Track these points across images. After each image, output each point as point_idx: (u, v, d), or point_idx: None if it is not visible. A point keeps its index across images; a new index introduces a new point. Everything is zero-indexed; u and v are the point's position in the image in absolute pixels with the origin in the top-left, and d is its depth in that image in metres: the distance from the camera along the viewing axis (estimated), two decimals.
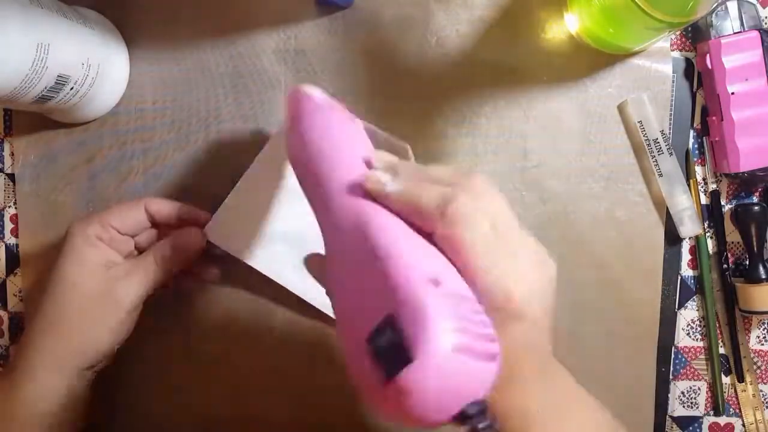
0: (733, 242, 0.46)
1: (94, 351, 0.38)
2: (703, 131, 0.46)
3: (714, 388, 0.47)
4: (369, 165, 0.30)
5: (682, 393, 0.47)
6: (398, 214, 0.27)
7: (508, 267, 0.26)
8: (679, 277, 0.46)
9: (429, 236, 0.27)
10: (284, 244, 0.43)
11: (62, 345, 0.37)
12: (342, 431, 0.47)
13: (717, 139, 0.44)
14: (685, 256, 0.46)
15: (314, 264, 0.33)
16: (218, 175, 0.46)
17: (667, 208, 0.45)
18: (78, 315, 0.37)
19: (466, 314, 0.22)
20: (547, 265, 0.28)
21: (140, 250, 0.42)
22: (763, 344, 0.47)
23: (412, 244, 0.26)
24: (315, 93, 0.34)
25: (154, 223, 0.42)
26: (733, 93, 0.42)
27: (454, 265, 0.26)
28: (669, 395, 0.47)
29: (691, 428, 0.47)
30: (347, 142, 0.32)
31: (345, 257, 0.27)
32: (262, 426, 0.47)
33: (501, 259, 0.26)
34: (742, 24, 0.43)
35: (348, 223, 0.27)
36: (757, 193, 0.46)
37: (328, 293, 0.30)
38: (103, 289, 0.38)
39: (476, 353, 0.22)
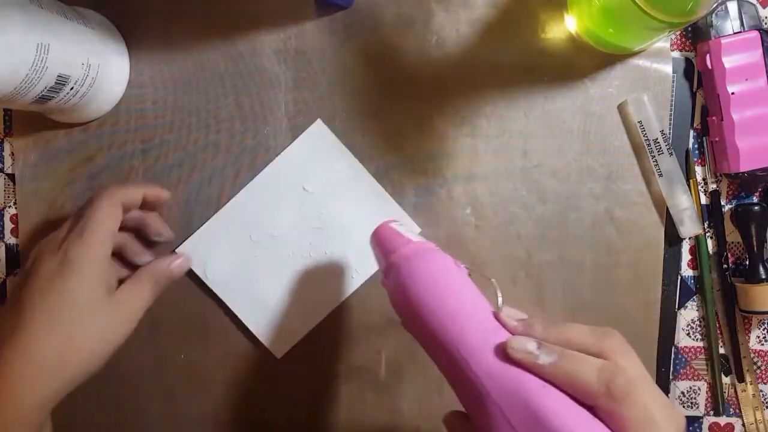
0: (733, 242, 0.46)
1: (86, 361, 0.36)
2: (703, 131, 0.46)
3: (714, 388, 0.47)
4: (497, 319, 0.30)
5: (682, 393, 0.47)
6: (553, 384, 0.27)
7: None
8: (679, 277, 0.46)
9: (587, 407, 0.27)
10: (249, 275, 0.46)
11: (56, 354, 0.35)
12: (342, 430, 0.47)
13: (717, 139, 0.44)
14: (685, 256, 0.46)
15: (457, 422, 0.31)
16: (218, 175, 0.46)
17: (667, 208, 0.45)
18: (77, 325, 0.36)
19: None
20: (678, 419, 0.28)
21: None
22: (763, 344, 0.47)
23: (588, 425, 0.26)
24: (416, 238, 0.33)
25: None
26: (733, 93, 0.42)
27: None
28: (669, 395, 0.47)
29: (691, 428, 0.47)
30: (468, 294, 0.31)
31: (509, 429, 0.26)
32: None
33: (651, 425, 0.27)
34: (742, 24, 0.43)
35: (503, 393, 0.27)
36: (757, 193, 0.46)
37: None
38: (104, 309, 0.37)
39: None
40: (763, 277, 0.44)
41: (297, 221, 0.46)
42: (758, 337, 0.47)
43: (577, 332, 0.29)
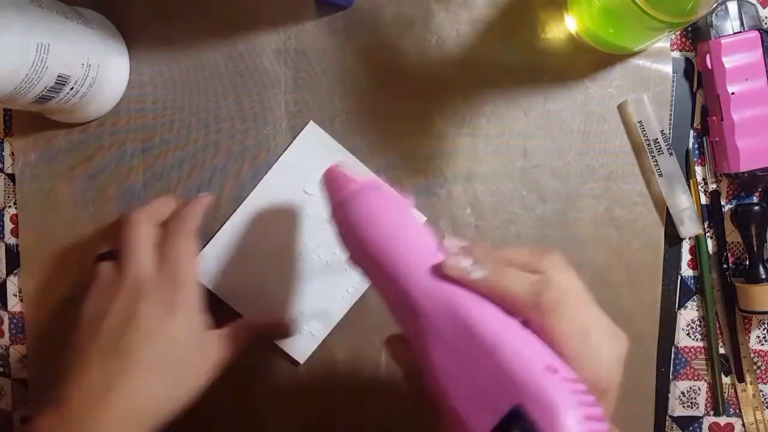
0: (733, 242, 0.46)
1: (161, 408, 0.36)
2: (703, 131, 0.46)
3: (714, 388, 0.47)
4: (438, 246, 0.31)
5: (682, 393, 0.47)
6: (487, 298, 0.28)
7: (592, 348, 0.27)
8: (679, 277, 0.46)
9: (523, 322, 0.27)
10: (258, 283, 0.46)
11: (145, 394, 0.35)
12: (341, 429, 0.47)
13: (717, 139, 0.44)
14: (685, 256, 0.46)
15: (395, 344, 0.32)
16: (218, 175, 0.46)
17: (667, 208, 0.45)
18: (182, 368, 0.37)
19: (584, 399, 0.23)
20: (620, 339, 0.29)
21: None
22: (763, 344, 0.47)
23: (516, 333, 0.26)
24: (362, 176, 0.34)
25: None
26: (733, 93, 0.42)
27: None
28: (669, 395, 0.47)
29: (691, 428, 0.47)
30: (410, 224, 0.32)
31: (441, 345, 0.27)
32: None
33: (585, 340, 0.27)
34: (742, 24, 0.43)
35: (436, 310, 0.27)
36: (757, 193, 0.46)
37: (406, 375, 0.31)
38: (203, 348, 0.38)
39: None
40: (763, 277, 0.44)
41: (302, 225, 0.45)
42: (758, 337, 0.47)
43: (517, 253, 0.29)
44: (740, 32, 0.42)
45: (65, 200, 0.46)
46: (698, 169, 0.46)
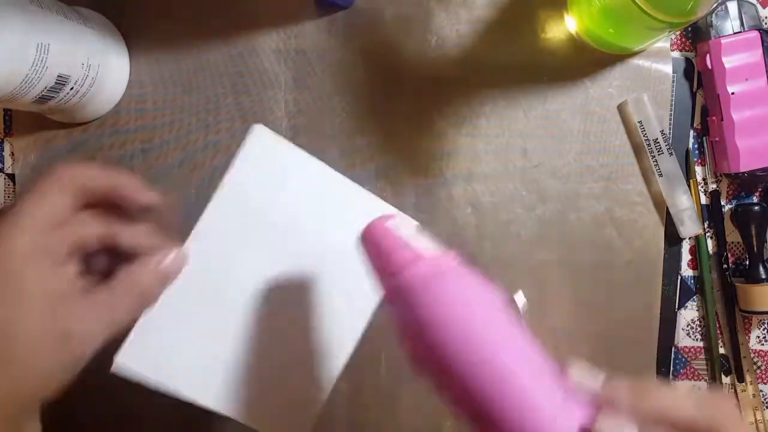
0: (733, 242, 0.46)
1: (37, 395, 0.29)
2: (703, 131, 0.46)
3: (714, 388, 0.47)
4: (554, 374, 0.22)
5: None
6: None
7: None
8: (679, 277, 0.46)
9: None
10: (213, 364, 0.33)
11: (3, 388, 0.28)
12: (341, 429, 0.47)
13: (717, 139, 0.44)
14: (685, 256, 0.46)
15: None
16: (218, 175, 0.46)
17: (667, 208, 0.45)
18: (22, 355, 0.28)
19: None
20: None
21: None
22: (763, 344, 0.47)
23: None
24: (427, 246, 0.24)
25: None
26: (733, 93, 0.42)
27: None
28: None
29: None
30: (521, 343, 0.22)
31: None
32: None
33: None
34: (742, 24, 0.43)
35: None
36: (757, 193, 0.46)
37: None
38: (54, 328, 0.28)
39: None
40: (763, 277, 0.44)
41: (260, 277, 0.33)
42: (758, 337, 0.47)
43: (679, 402, 0.22)
44: (740, 32, 0.42)
45: None
46: (698, 169, 0.46)
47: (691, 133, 0.46)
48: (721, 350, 0.47)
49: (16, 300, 0.28)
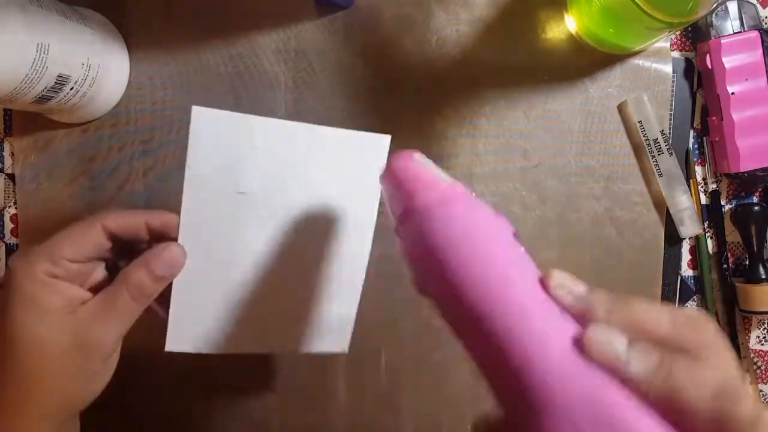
0: (733, 242, 0.46)
1: (72, 406, 0.32)
2: (703, 131, 0.46)
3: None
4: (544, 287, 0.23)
5: None
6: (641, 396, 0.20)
7: None
8: (679, 277, 0.46)
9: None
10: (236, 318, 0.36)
11: (36, 410, 0.31)
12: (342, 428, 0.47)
13: (717, 139, 0.44)
14: (685, 256, 0.46)
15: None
16: None
17: (667, 208, 0.45)
18: (49, 375, 0.31)
19: None
20: None
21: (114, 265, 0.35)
22: (763, 344, 0.47)
23: None
24: (446, 177, 0.26)
25: (122, 240, 0.34)
26: (733, 93, 0.42)
27: None
28: None
29: None
30: (519, 262, 0.24)
31: None
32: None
33: None
34: (742, 24, 0.43)
35: (570, 409, 0.19)
36: (757, 193, 0.46)
37: None
38: (71, 339, 0.31)
39: None
40: (763, 277, 0.44)
41: (260, 239, 0.35)
42: (758, 337, 0.47)
43: (654, 315, 0.22)
44: (740, 32, 0.42)
45: (65, 200, 0.46)
46: (698, 169, 0.46)
47: (691, 133, 0.46)
48: None
49: (41, 320, 0.30)
